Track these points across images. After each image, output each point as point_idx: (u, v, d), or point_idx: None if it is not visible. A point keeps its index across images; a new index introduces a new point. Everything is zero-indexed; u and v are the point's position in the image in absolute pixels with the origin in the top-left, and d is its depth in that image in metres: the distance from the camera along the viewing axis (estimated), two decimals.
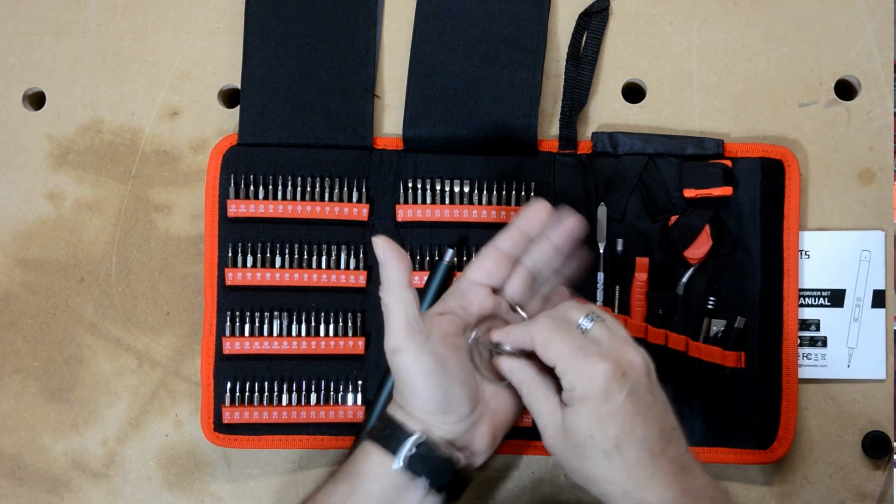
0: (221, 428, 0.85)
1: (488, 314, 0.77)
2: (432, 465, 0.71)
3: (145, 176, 0.89)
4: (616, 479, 0.68)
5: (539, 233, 0.78)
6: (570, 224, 0.78)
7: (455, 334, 0.74)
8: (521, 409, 0.77)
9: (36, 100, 0.91)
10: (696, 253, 0.84)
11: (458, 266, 0.85)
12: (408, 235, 0.86)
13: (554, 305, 0.79)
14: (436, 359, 0.71)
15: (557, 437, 0.71)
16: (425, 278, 0.84)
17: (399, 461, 0.71)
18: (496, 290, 0.78)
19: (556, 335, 0.70)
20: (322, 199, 0.85)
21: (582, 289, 0.85)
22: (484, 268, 0.77)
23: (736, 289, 0.85)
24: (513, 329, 0.74)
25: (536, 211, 0.78)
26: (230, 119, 0.89)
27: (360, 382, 0.85)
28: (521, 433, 0.85)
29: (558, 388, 0.71)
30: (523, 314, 0.78)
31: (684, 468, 0.69)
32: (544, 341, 0.70)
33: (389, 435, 0.72)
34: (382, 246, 0.71)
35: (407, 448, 0.71)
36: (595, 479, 0.69)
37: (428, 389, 0.71)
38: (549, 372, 0.72)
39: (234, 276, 0.85)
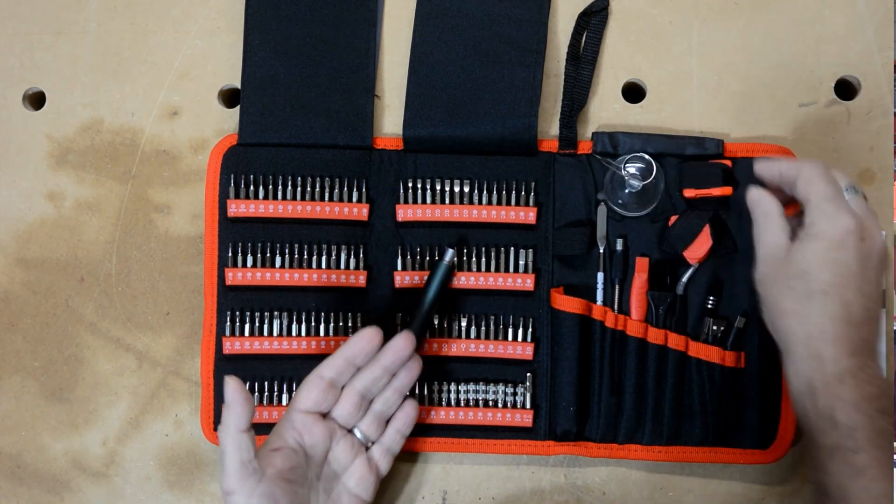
0: None
1: (319, 441, 0.77)
2: None
3: (145, 176, 0.89)
4: (807, 322, 0.72)
5: (365, 359, 0.79)
6: (397, 345, 0.79)
7: (290, 468, 0.75)
8: None
9: (36, 100, 0.91)
10: (696, 253, 0.84)
11: (458, 266, 0.85)
12: (408, 235, 0.86)
13: (400, 420, 0.81)
14: (267, 499, 0.72)
15: (771, 267, 0.75)
16: (425, 278, 0.84)
17: None
18: (325, 416, 0.79)
19: (824, 178, 0.74)
20: (322, 199, 0.85)
21: (582, 289, 0.85)
22: (310, 397, 0.78)
23: (736, 289, 0.85)
24: (780, 160, 0.77)
25: (362, 341, 0.78)
26: (230, 119, 0.89)
27: None
28: (522, 433, 0.85)
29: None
30: (360, 435, 0.80)
31: (868, 352, 0.72)
32: (811, 177, 0.74)
33: None
34: (232, 388, 0.72)
35: None
36: (788, 313, 0.73)
37: None
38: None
39: (234, 276, 0.85)
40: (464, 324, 0.85)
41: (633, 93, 0.89)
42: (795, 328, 0.73)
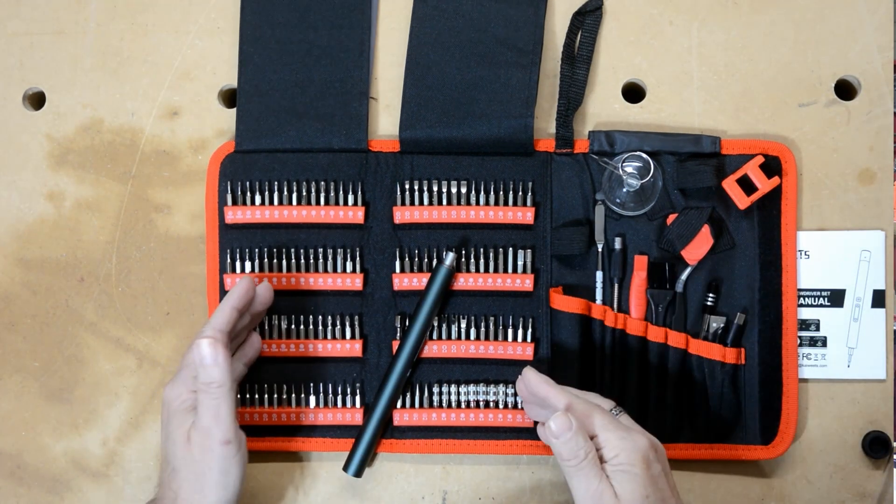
0: None
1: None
2: None
3: (145, 176, 0.89)
4: None
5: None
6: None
7: None
8: None
9: (36, 100, 0.91)
10: (695, 254, 0.84)
11: (458, 268, 0.85)
12: (406, 237, 0.86)
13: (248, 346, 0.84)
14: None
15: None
16: (425, 281, 0.84)
17: None
18: None
19: (595, 410, 0.74)
20: (318, 203, 0.85)
21: (581, 288, 0.85)
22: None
23: (735, 286, 0.85)
24: (549, 387, 0.76)
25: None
26: (230, 119, 0.89)
27: (358, 385, 0.86)
28: (522, 433, 0.85)
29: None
30: None
31: None
32: (585, 412, 0.74)
33: None
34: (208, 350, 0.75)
35: None
36: None
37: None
38: None
39: (233, 282, 0.85)
40: (464, 325, 0.85)
41: (633, 93, 0.89)
42: None
